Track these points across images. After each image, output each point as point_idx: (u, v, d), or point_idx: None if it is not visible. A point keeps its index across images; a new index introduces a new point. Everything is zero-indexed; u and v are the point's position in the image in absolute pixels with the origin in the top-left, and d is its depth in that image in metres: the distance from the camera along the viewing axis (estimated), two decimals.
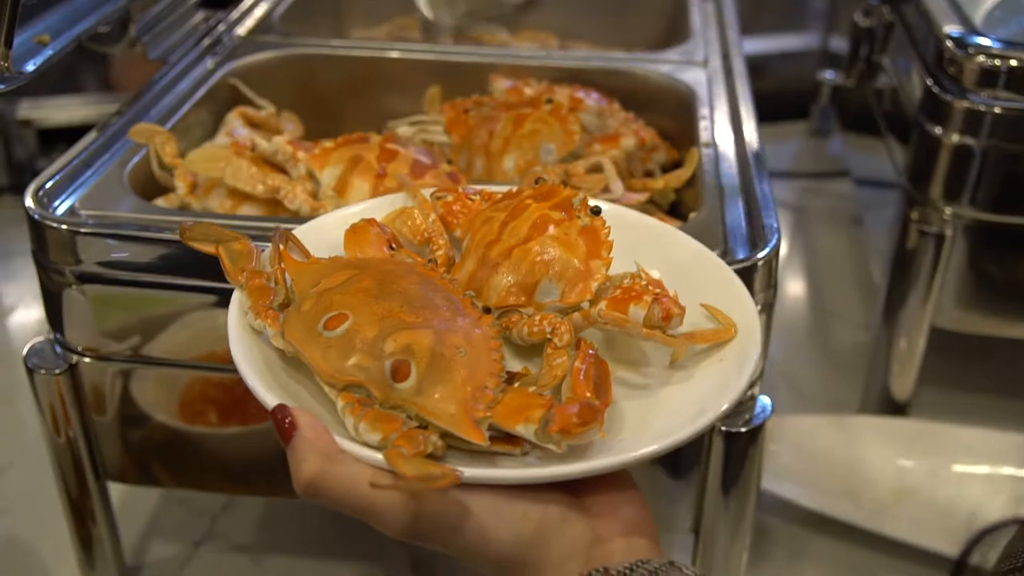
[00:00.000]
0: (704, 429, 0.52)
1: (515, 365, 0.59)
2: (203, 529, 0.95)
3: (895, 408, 1.07)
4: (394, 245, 0.61)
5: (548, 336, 0.56)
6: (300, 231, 0.63)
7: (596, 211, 0.63)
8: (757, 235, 0.72)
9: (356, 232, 0.61)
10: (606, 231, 0.62)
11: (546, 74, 1.01)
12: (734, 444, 0.74)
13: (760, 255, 0.70)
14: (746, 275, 0.69)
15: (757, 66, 1.81)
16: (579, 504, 0.51)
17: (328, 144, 0.85)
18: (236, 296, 0.57)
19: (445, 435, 0.50)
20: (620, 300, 0.58)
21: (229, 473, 0.84)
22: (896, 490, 0.98)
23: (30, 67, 0.69)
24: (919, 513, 0.95)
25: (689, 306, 0.59)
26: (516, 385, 0.54)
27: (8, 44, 0.64)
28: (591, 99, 0.96)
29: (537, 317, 0.58)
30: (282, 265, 0.57)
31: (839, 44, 1.57)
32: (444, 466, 0.47)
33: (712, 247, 0.70)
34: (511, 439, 0.50)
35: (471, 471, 0.48)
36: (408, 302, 0.53)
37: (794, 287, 1.38)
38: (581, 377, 0.52)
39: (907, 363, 1.04)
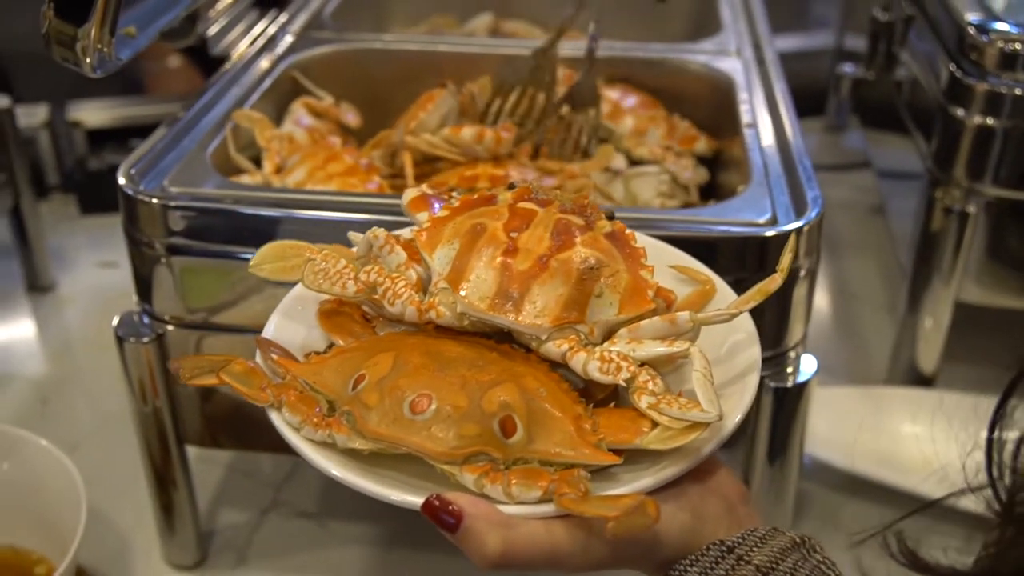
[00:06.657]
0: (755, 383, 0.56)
1: None
2: (269, 498, 1.00)
3: (921, 381, 1.12)
4: (368, 317, 0.62)
5: (628, 384, 0.54)
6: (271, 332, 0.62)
7: (611, 215, 0.61)
8: (801, 205, 0.78)
9: (330, 316, 0.62)
10: (631, 235, 0.61)
11: None
12: (783, 401, 0.79)
13: (805, 221, 0.75)
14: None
15: None
16: (703, 483, 0.55)
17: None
18: (277, 418, 0.55)
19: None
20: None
21: None
22: (927, 459, 1.02)
23: (124, 55, 0.74)
24: (952, 479, 0.99)
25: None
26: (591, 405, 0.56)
27: (112, 31, 0.69)
28: (629, 102, 1.02)
29: (610, 353, 0.55)
30: (293, 373, 0.57)
31: (852, 42, 1.64)
32: (625, 496, 0.49)
33: (761, 216, 0.76)
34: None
35: (630, 487, 0.51)
36: (472, 364, 0.55)
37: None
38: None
39: (933, 339, 1.09)
